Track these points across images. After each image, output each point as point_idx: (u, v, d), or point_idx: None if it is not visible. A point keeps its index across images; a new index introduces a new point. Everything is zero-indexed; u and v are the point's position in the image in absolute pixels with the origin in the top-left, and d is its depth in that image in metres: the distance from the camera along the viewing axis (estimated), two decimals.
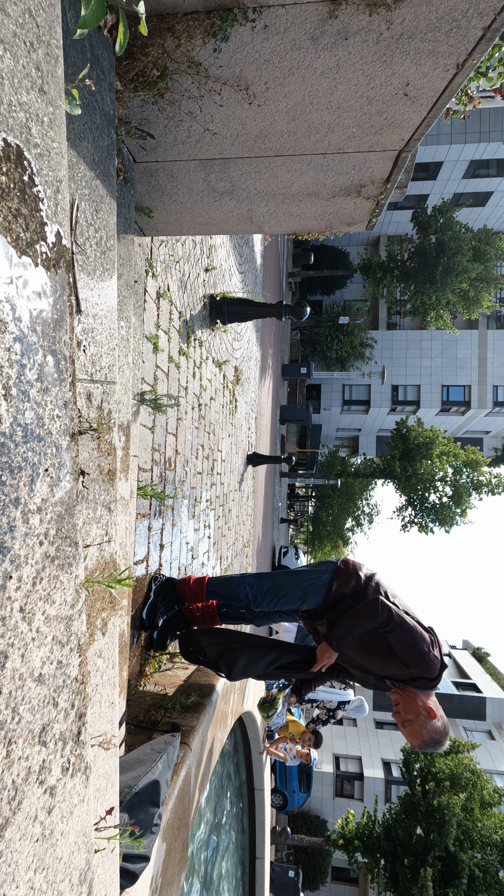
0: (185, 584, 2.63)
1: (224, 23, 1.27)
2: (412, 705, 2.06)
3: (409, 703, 2.07)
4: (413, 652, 2.06)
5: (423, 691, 2.08)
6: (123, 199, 1.73)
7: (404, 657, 2.07)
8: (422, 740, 2.03)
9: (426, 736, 2.01)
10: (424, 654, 2.05)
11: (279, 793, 11.55)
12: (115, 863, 1.22)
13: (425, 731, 2.02)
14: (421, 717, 2.03)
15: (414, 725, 2.04)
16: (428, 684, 2.06)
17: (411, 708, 2.06)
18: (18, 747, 0.67)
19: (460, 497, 17.23)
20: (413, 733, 2.04)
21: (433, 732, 2.02)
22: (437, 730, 2.02)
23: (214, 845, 3.94)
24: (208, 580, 2.62)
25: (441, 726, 2.04)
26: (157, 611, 2.49)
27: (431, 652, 2.07)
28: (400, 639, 2.08)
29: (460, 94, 4.03)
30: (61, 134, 0.79)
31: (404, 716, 2.07)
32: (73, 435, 0.82)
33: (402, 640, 2.07)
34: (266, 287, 9.68)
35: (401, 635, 2.08)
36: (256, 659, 2.32)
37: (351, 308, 23.64)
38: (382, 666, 2.14)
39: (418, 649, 2.05)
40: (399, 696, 2.12)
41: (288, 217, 2.15)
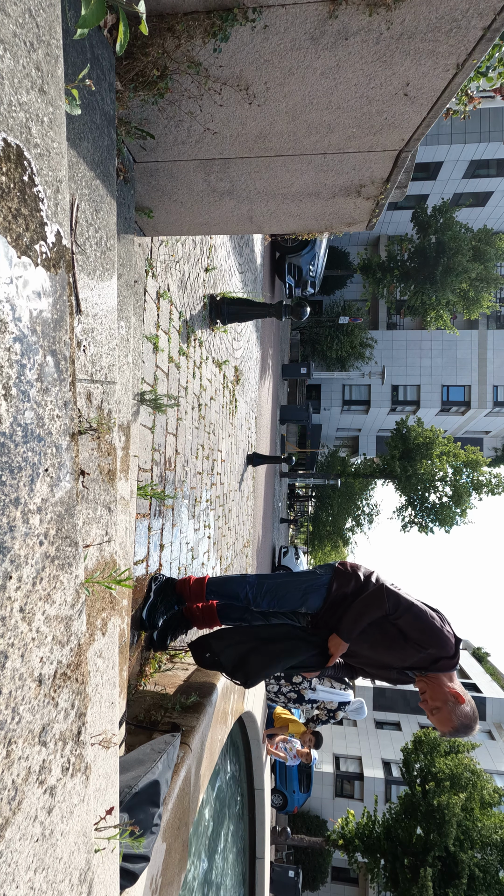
0: (185, 584, 2.64)
1: (224, 23, 1.27)
2: (439, 692, 2.03)
3: (436, 690, 2.04)
4: (426, 632, 2.05)
5: (446, 674, 2.06)
6: (123, 199, 1.73)
7: (419, 639, 2.06)
8: (452, 727, 1.99)
9: (456, 722, 1.98)
10: (438, 631, 2.04)
11: (279, 793, 11.55)
12: (115, 863, 1.22)
13: (455, 718, 1.98)
14: (449, 703, 2.00)
15: (443, 713, 2.00)
16: (449, 664, 2.04)
17: (438, 695, 2.03)
18: (18, 747, 0.67)
19: (460, 497, 17.23)
20: (442, 720, 2.01)
21: (463, 718, 1.99)
22: (467, 714, 1.99)
23: (214, 845, 3.94)
24: (208, 580, 2.63)
25: (470, 711, 2.01)
26: (157, 611, 2.49)
27: (444, 628, 2.06)
28: (410, 623, 2.07)
29: (460, 94, 4.03)
30: (61, 134, 0.79)
31: (432, 704, 2.03)
32: (73, 435, 0.82)
33: (412, 624, 2.07)
34: (266, 287, 9.68)
35: (411, 619, 2.07)
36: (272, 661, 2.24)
37: (351, 308, 23.64)
38: (401, 656, 2.12)
39: (431, 628, 2.05)
40: (424, 685, 2.09)
41: (288, 217, 2.15)
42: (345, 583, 2.32)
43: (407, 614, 2.09)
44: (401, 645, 2.11)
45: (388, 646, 2.14)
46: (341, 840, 11.29)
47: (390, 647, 2.14)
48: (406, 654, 2.11)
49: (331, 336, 22.04)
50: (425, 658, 2.08)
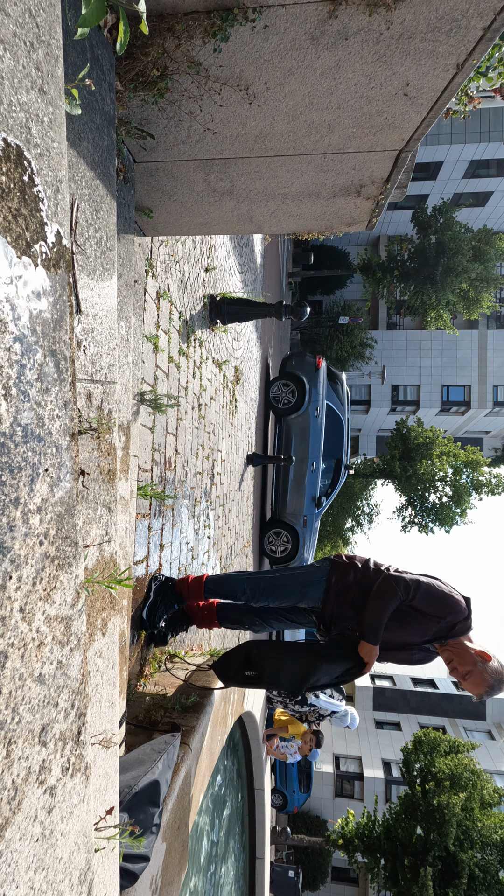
0: (184, 583, 2.65)
1: (224, 23, 1.27)
2: (466, 656, 2.08)
3: (462, 655, 2.10)
4: (439, 602, 2.12)
5: (465, 636, 2.13)
6: (123, 199, 1.73)
7: (434, 612, 2.12)
8: (487, 686, 2.03)
9: (490, 680, 2.03)
10: (449, 598, 2.12)
11: (279, 793, 11.55)
12: (115, 863, 1.22)
13: (488, 676, 2.03)
14: (478, 664, 2.05)
15: (474, 675, 2.04)
16: (465, 625, 2.12)
17: (466, 659, 2.08)
18: (18, 747, 0.67)
19: (460, 497, 17.24)
20: (476, 683, 2.04)
21: (494, 674, 2.03)
22: (497, 670, 2.04)
23: (214, 845, 3.94)
24: (206, 578, 2.65)
25: (499, 666, 2.06)
26: (157, 610, 2.50)
27: (452, 593, 2.14)
28: (425, 600, 2.13)
29: (460, 94, 4.03)
30: (61, 134, 0.79)
31: (462, 669, 2.08)
32: (73, 435, 0.82)
33: (427, 600, 2.13)
34: (266, 287, 9.68)
35: (424, 596, 2.14)
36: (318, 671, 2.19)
37: (351, 308, 23.62)
38: (420, 632, 2.17)
39: (443, 598, 2.12)
40: (450, 653, 2.14)
41: (288, 217, 2.15)
42: (344, 574, 2.33)
43: (419, 593, 2.14)
44: (418, 621, 2.16)
45: (406, 624, 2.17)
46: (341, 840, 11.28)
47: (407, 626, 2.17)
48: (424, 627, 2.15)
49: (331, 336, 22.03)
50: (443, 627, 2.13)
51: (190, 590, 2.61)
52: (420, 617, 2.16)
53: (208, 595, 2.61)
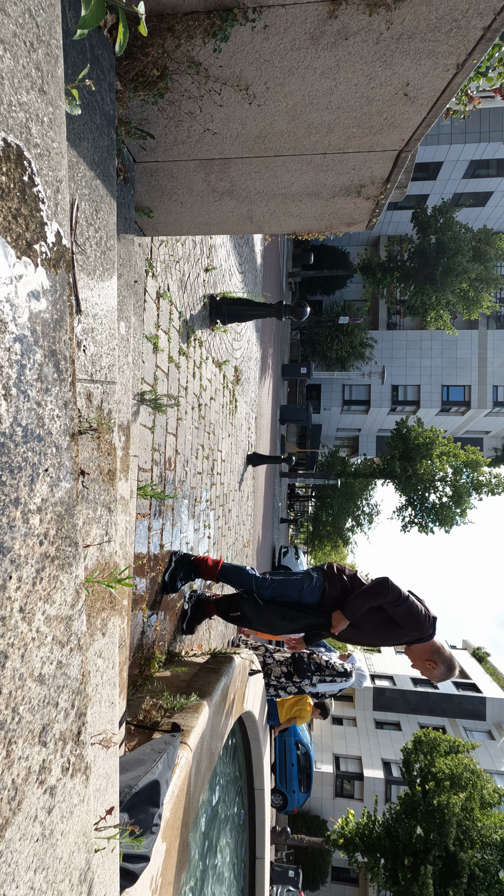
0: (204, 561, 3.16)
1: (224, 23, 1.27)
2: (418, 664, 2.68)
3: (416, 662, 2.69)
4: (415, 619, 2.55)
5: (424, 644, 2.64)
6: (123, 199, 1.73)
7: (408, 625, 2.57)
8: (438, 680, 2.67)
9: (437, 678, 2.65)
10: (422, 618, 2.55)
11: (279, 793, 11.54)
12: (115, 863, 1.22)
13: (437, 676, 2.64)
14: (427, 670, 2.65)
15: (425, 674, 2.68)
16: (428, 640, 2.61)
17: (418, 665, 2.69)
18: (18, 747, 0.67)
19: (460, 497, 17.23)
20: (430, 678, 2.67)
21: (441, 676, 2.63)
22: (444, 672, 2.62)
23: (214, 845, 3.94)
24: (222, 564, 3.15)
25: (445, 669, 2.61)
26: (176, 576, 3.00)
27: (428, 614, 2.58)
28: (404, 613, 2.55)
29: (460, 94, 4.03)
30: (61, 134, 0.79)
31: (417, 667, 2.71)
32: (73, 435, 0.82)
33: (406, 614, 2.55)
34: (266, 287, 9.68)
35: (405, 610, 2.54)
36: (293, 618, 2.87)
37: (351, 308, 23.64)
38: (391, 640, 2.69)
39: (418, 617, 2.54)
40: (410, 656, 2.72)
41: (288, 217, 2.15)
42: (334, 584, 2.83)
43: (404, 605, 2.54)
44: (391, 631, 2.64)
45: (381, 632, 2.68)
46: (341, 840, 11.28)
47: (382, 634, 2.69)
48: (395, 637, 2.66)
49: (331, 336, 22.04)
50: (410, 638, 2.62)
51: (208, 569, 3.13)
52: (395, 629, 2.61)
53: (220, 579, 3.10)
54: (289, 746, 11.27)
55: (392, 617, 2.59)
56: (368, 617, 2.66)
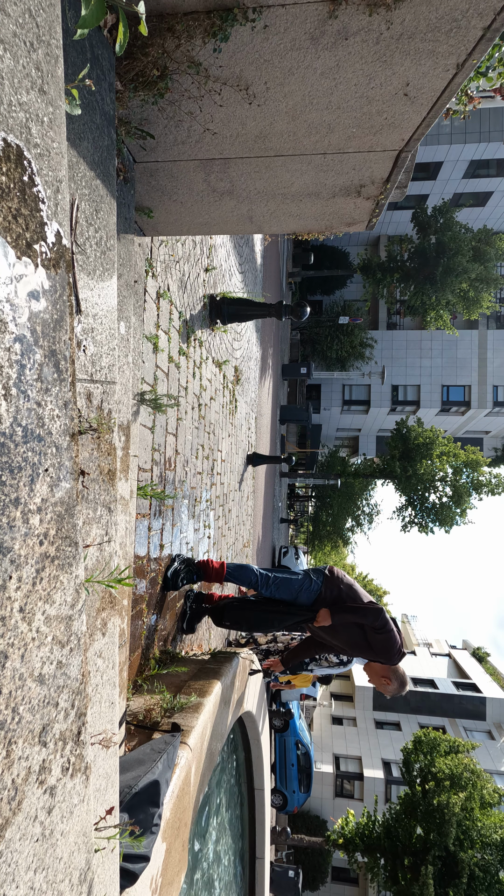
0: (208, 563, 3.28)
1: (224, 23, 1.27)
2: (374, 679, 2.98)
3: (373, 677, 2.98)
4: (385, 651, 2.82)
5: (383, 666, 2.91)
6: (123, 199, 1.73)
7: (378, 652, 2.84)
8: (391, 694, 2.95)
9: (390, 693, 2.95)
10: (393, 655, 2.81)
11: (279, 793, 11.55)
12: (115, 863, 1.22)
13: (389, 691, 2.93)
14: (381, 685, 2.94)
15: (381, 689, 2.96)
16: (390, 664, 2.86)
17: (374, 681, 2.98)
18: (18, 747, 0.67)
19: (460, 497, 17.22)
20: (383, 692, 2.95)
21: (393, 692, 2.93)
22: (396, 689, 2.92)
23: (214, 845, 3.94)
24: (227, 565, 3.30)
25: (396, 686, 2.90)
26: (178, 575, 3.10)
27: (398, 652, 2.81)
28: (382, 641, 2.79)
29: (460, 94, 4.03)
30: (61, 134, 0.79)
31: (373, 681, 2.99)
32: (73, 435, 0.82)
33: (382, 643, 2.80)
34: (266, 287, 9.68)
35: (383, 639, 2.78)
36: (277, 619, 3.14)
37: (351, 308, 23.62)
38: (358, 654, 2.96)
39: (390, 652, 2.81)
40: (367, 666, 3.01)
41: (288, 217, 2.15)
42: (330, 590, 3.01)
43: (384, 634, 2.78)
44: (362, 649, 2.89)
45: (352, 645, 2.92)
46: (341, 840, 11.27)
47: (353, 647, 2.92)
48: (362, 654, 2.92)
49: (331, 336, 22.03)
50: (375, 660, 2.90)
51: (214, 571, 3.26)
52: (366, 649, 2.86)
53: (228, 579, 3.25)
54: (289, 746, 11.28)
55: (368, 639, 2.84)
56: (348, 629, 2.88)
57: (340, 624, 2.89)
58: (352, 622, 2.85)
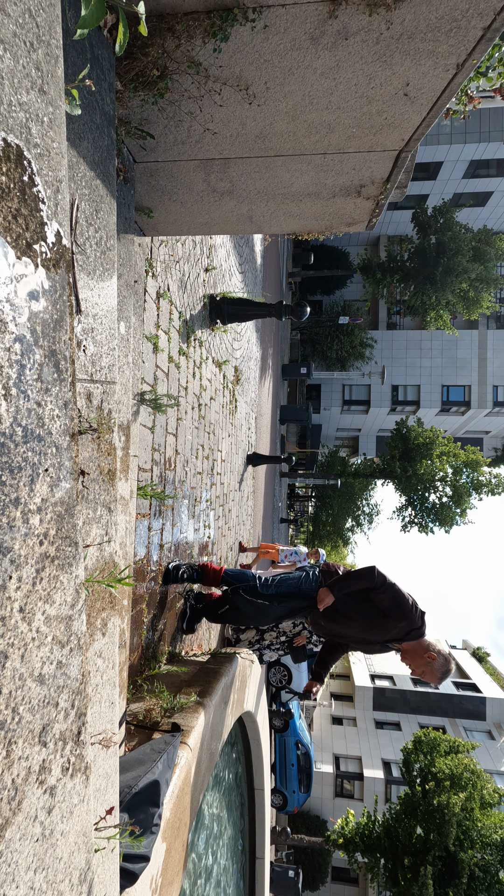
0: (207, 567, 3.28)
1: (224, 23, 1.27)
2: (417, 660, 2.56)
3: (415, 659, 2.57)
4: (401, 606, 2.55)
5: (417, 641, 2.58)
6: (123, 199, 1.73)
7: (395, 613, 2.56)
8: (437, 678, 2.53)
9: (438, 674, 2.52)
10: (409, 608, 2.56)
11: (279, 793, 11.54)
12: (115, 863, 1.22)
13: (436, 672, 2.51)
14: (428, 666, 2.53)
15: (427, 672, 2.53)
16: (418, 633, 2.56)
17: (418, 662, 2.56)
18: (18, 747, 0.67)
19: (460, 497, 17.22)
20: (430, 677, 2.54)
21: (440, 669, 2.52)
22: (442, 665, 2.52)
23: (214, 845, 3.94)
24: (224, 569, 3.29)
25: (443, 661, 2.52)
26: (179, 569, 3.14)
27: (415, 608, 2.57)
28: (390, 600, 2.57)
29: (460, 94, 4.03)
30: (61, 134, 0.79)
31: (417, 670, 2.56)
32: (73, 435, 0.82)
33: (391, 600, 2.57)
34: (266, 287, 9.68)
35: (391, 597, 2.57)
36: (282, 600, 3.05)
37: (351, 308, 23.63)
38: (381, 632, 2.63)
39: (405, 604, 2.56)
40: (405, 657, 2.61)
41: (288, 217, 2.15)
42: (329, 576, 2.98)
43: (389, 592, 2.57)
44: (380, 623, 2.61)
45: (369, 623, 2.65)
46: (341, 840, 11.27)
47: (370, 625, 2.64)
48: (384, 629, 2.61)
49: (331, 336, 22.03)
50: (400, 630, 2.57)
51: (212, 574, 3.24)
52: (383, 619, 2.60)
53: (224, 583, 3.22)
54: (289, 746, 11.27)
55: (380, 608, 2.61)
56: (357, 606, 2.69)
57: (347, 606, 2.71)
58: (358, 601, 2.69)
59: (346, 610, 2.72)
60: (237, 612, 3.18)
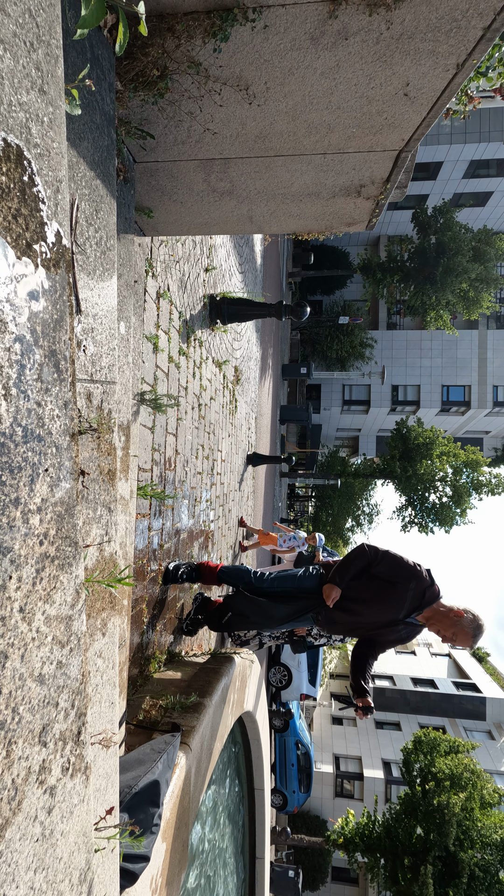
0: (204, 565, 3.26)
1: (224, 23, 1.27)
2: (445, 621, 2.37)
3: (442, 620, 2.38)
4: (402, 567, 2.49)
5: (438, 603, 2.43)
6: (123, 199, 1.73)
7: (399, 575, 2.48)
8: (471, 637, 2.32)
9: (471, 631, 2.32)
10: (409, 564, 2.50)
11: (279, 793, 11.54)
12: (115, 863, 1.22)
13: (468, 630, 2.32)
14: (456, 623, 2.33)
15: (459, 633, 2.33)
16: (432, 592, 2.44)
17: (446, 623, 2.36)
18: (18, 747, 0.67)
19: (460, 497, 17.22)
20: (463, 638, 2.33)
21: (471, 625, 2.32)
22: (472, 620, 2.33)
23: (214, 845, 3.94)
24: (220, 567, 3.24)
25: (472, 617, 2.34)
26: (179, 569, 3.12)
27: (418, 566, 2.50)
28: (389, 564, 2.51)
29: (460, 94, 4.03)
30: (61, 134, 0.79)
31: (448, 633, 2.35)
32: (73, 435, 0.82)
33: (391, 565, 2.51)
34: (266, 287, 9.68)
35: (390, 562, 2.52)
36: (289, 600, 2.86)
37: (351, 308, 23.63)
38: (397, 603, 2.48)
39: (405, 563, 2.50)
40: (432, 623, 2.43)
41: (288, 217, 2.15)
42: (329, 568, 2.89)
43: (386, 559, 2.53)
44: (392, 593, 2.48)
45: (384, 599, 2.51)
46: (341, 840, 11.27)
47: (386, 600, 2.50)
48: (399, 598, 2.47)
49: (331, 336, 22.03)
50: (415, 596, 2.45)
51: (209, 571, 3.21)
52: (391, 589, 2.48)
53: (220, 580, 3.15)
54: (289, 746, 11.27)
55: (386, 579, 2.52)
56: (364, 587, 2.58)
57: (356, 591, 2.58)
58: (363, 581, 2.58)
59: (356, 594, 2.60)
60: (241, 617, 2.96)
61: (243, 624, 2.98)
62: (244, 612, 2.91)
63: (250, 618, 2.91)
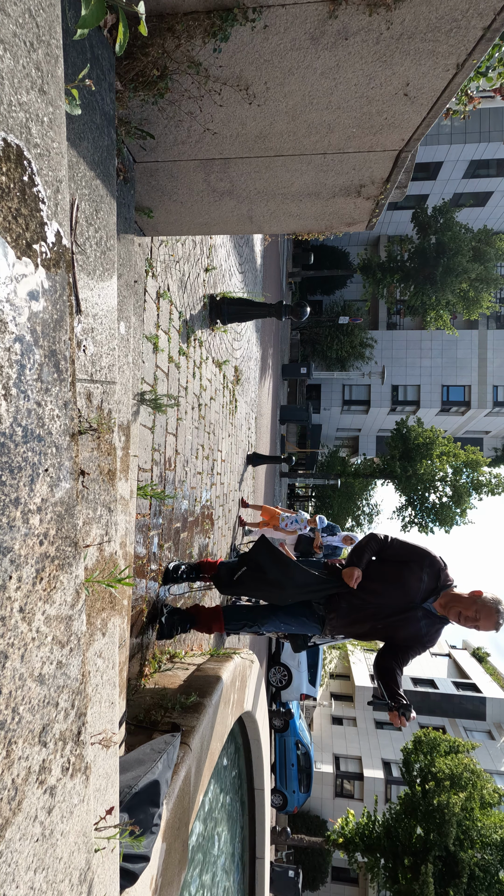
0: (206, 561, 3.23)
1: (224, 23, 1.27)
2: (465, 602, 2.27)
3: (462, 602, 2.29)
4: (413, 548, 2.49)
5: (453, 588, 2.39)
6: (123, 199, 1.73)
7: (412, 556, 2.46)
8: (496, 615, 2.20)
9: (494, 608, 2.21)
10: (420, 548, 2.48)
11: (279, 793, 11.54)
12: (115, 863, 1.22)
13: (491, 607, 2.21)
14: (478, 602, 2.23)
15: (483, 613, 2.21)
16: (446, 574, 2.40)
17: (467, 604, 2.26)
18: (18, 747, 0.67)
19: (460, 497, 17.22)
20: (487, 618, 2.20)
21: (494, 602, 2.22)
22: (494, 598, 2.25)
23: (214, 845, 3.94)
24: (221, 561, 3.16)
25: (491, 596, 2.26)
26: (179, 568, 3.09)
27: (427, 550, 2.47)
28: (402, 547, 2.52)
29: (460, 94, 4.03)
30: (61, 134, 0.79)
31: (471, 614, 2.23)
32: (73, 435, 0.82)
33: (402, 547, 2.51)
34: (266, 287, 9.68)
35: (400, 544, 2.53)
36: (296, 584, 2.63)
37: (351, 308, 23.63)
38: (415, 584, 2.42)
39: (414, 547, 2.50)
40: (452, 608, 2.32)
41: (288, 217, 2.15)
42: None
43: (396, 542, 2.55)
44: (408, 573, 2.42)
45: (399, 578, 2.45)
46: (341, 840, 11.27)
47: (401, 581, 2.44)
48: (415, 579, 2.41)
49: (331, 336, 22.03)
50: (431, 577, 2.40)
51: (208, 567, 3.15)
52: (406, 569, 2.44)
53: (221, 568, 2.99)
54: (289, 746, 11.27)
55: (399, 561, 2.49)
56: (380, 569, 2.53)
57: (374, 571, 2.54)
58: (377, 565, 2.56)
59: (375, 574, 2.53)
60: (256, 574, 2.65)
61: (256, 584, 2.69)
62: (263, 565, 2.63)
63: (268, 574, 2.61)
